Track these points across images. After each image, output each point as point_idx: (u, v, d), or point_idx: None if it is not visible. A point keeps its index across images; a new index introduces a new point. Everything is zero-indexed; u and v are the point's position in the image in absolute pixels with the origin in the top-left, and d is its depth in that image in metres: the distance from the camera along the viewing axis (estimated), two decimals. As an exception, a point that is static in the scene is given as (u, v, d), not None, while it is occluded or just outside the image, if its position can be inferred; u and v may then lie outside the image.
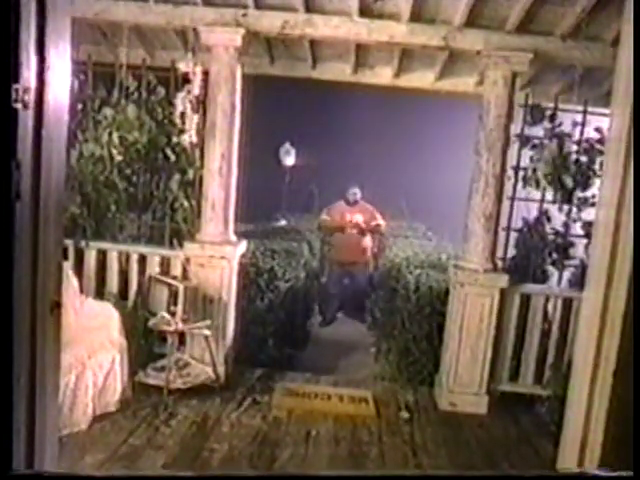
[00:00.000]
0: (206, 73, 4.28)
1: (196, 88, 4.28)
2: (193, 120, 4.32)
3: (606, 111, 3.54)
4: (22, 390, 1.53)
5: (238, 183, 4.48)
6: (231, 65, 4.22)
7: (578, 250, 4.65)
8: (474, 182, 4.31)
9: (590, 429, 1.98)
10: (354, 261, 7.37)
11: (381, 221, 7.42)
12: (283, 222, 8.67)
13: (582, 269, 4.46)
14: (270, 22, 4.17)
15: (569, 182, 4.43)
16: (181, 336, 4.29)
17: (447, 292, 4.63)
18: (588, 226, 4.45)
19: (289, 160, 10.54)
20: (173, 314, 3.99)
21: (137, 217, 4.71)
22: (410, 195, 8.66)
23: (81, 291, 4.32)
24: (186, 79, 4.31)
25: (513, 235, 4.68)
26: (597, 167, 4.44)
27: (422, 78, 5.36)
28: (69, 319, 3.80)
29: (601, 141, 4.39)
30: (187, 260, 4.40)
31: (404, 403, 4.46)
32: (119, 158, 4.48)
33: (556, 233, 4.67)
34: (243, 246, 4.59)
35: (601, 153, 4.32)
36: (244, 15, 4.13)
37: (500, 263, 4.51)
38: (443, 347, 4.55)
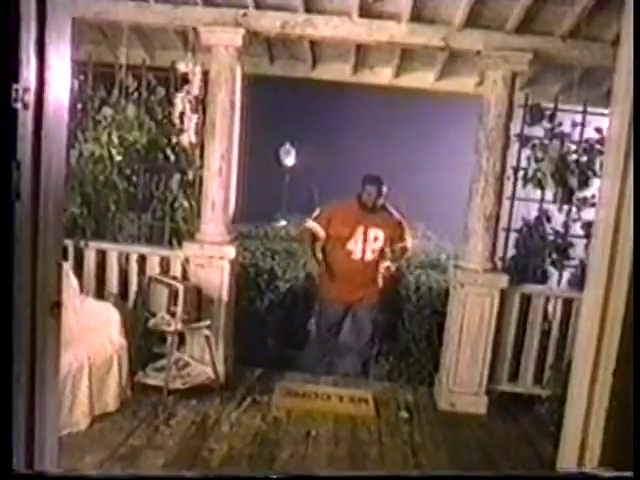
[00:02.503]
0: (206, 73, 4.28)
1: (196, 88, 4.28)
2: (193, 120, 4.31)
3: (606, 111, 3.54)
4: (22, 390, 1.53)
5: (238, 183, 4.48)
6: (231, 65, 4.22)
7: (578, 250, 4.65)
8: (474, 182, 4.31)
9: (590, 429, 1.98)
10: (359, 298, 4.92)
11: (409, 242, 5.00)
12: (283, 222, 8.67)
13: (582, 269, 4.46)
14: (270, 22, 4.17)
15: (573, 182, 4.43)
16: (181, 336, 4.30)
17: (447, 292, 4.63)
18: (588, 226, 4.45)
19: (289, 160, 10.55)
20: (173, 314, 3.98)
21: (137, 217, 4.71)
22: (410, 194, 8.66)
23: (81, 291, 4.32)
24: (186, 79, 4.31)
25: (513, 235, 4.68)
26: (597, 167, 4.45)
27: (422, 78, 5.36)
28: (69, 319, 3.80)
29: (601, 141, 4.39)
30: (187, 260, 4.40)
31: (404, 403, 4.46)
32: (119, 158, 4.48)
33: (556, 233, 4.67)
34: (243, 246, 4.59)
35: (601, 153, 4.32)
36: (244, 15, 4.13)
37: (500, 263, 4.51)
38: (443, 347, 4.56)
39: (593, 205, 4.30)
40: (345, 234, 4.85)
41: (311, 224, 4.99)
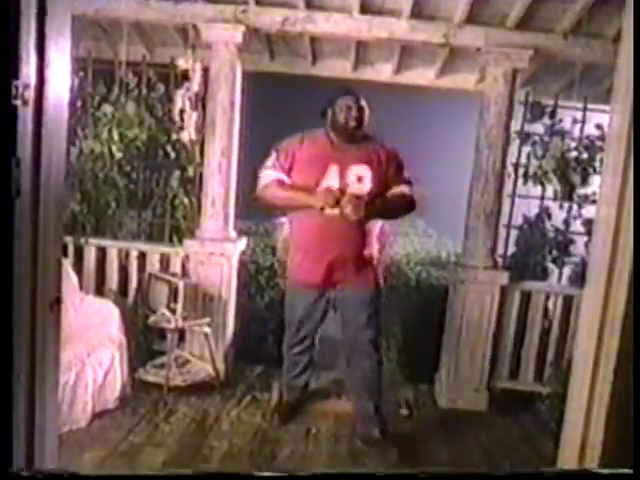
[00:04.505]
0: (206, 70, 4.27)
1: (196, 85, 4.28)
2: (193, 117, 4.31)
3: (606, 108, 3.54)
4: (22, 387, 1.53)
5: (238, 180, 4.47)
6: (231, 62, 4.21)
7: (578, 247, 4.65)
8: (474, 179, 4.31)
9: (590, 427, 1.97)
10: (342, 279, 3.45)
11: (410, 187, 3.48)
12: (283, 219, 8.66)
13: (582, 266, 4.46)
14: (270, 19, 4.16)
15: (574, 179, 4.42)
16: (181, 333, 4.29)
17: (447, 289, 4.63)
18: (588, 223, 4.45)
19: (289, 157, 10.54)
20: (173, 311, 3.98)
21: (137, 214, 4.71)
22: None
23: (81, 288, 4.32)
24: (186, 76, 4.30)
25: (513, 232, 4.68)
26: (598, 164, 4.44)
27: (422, 75, 5.35)
28: (69, 316, 3.80)
29: (601, 138, 4.39)
30: (187, 257, 4.40)
31: (404, 400, 4.46)
32: (119, 155, 4.48)
33: (556, 230, 4.67)
34: (243, 243, 4.59)
35: (602, 150, 4.32)
36: (244, 12, 4.12)
37: (500, 260, 4.51)
38: (443, 344, 4.55)
39: (594, 202, 4.30)
40: (312, 179, 3.31)
41: (272, 175, 3.39)
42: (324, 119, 3.49)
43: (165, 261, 4.54)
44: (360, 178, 3.32)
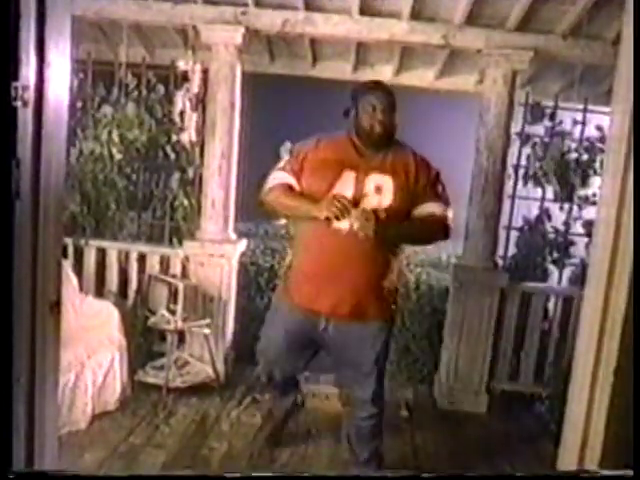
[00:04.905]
0: (206, 71, 4.28)
1: (196, 86, 4.28)
2: (193, 118, 4.31)
3: (607, 109, 3.54)
4: (22, 389, 1.52)
5: (238, 181, 4.47)
6: (231, 63, 4.21)
7: (579, 249, 4.65)
8: (474, 180, 4.30)
9: (591, 428, 1.97)
10: (347, 309, 2.76)
11: (448, 209, 2.87)
12: (283, 221, 8.64)
13: (583, 268, 4.46)
14: (270, 20, 4.16)
15: (574, 180, 4.43)
16: (181, 335, 4.29)
17: (447, 291, 4.62)
18: (589, 225, 4.45)
19: (289, 158, 10.52)
20: (173, 312, 3.98)
21: (137, 215, 4.70)
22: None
23: (80, 289, 4.32)
24: (186, 77, 4.31)
25: (513, 234, 4.68)
26: (598, 165, 4.44)
27: (422, 76, 5.35)
28: (68, 318, 3.79)
29: (602, 139, 4.39)
30: (187, 258, 4.40)
31: (404, 402, 4.45)
32: (119, 156, 4.48)
33: (557, 232, 4.67)
34: (243, 244, 4.59)
35: (602, 151, 4.32)
36: (244, 13, 4.12)
37: (500, 262, 4.51)
38: (443, 346, 4.55)
39: (594, 203, 4.30)
40: (323, 186, 2.74)
41: (280, 177, 2.89)
42: (347, 119, 2.91)
43: (165, 262, 4.54)
44: (379, 189, 2.72)
